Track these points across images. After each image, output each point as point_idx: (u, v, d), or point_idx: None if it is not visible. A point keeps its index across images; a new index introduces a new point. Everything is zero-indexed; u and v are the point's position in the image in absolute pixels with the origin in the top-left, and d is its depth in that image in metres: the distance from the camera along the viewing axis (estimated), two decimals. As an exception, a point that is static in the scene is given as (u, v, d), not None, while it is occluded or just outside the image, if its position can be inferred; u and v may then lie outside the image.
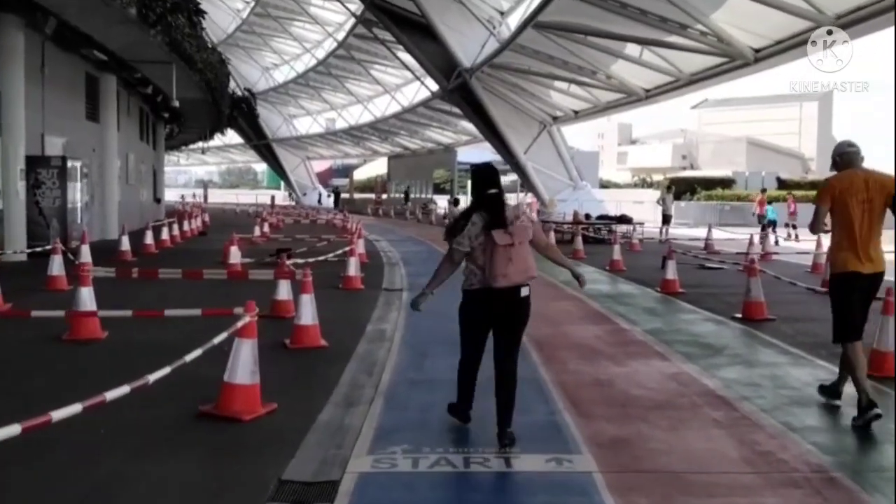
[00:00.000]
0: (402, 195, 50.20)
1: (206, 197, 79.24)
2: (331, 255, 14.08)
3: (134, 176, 27.81)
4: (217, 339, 4.89)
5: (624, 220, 24.88)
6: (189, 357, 4.48)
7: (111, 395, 3.56)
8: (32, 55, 16.81)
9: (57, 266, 11.80)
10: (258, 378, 5.47)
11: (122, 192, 25.55)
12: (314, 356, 7.49)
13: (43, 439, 3.77)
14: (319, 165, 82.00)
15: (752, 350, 8.11)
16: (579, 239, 19.37)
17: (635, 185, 77.98)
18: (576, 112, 33.87)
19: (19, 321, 8.45)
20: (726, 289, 12.88)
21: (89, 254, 13.98)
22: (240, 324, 5.31)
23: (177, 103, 21.54)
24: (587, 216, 25.84)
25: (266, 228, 24.28)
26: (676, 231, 27.93)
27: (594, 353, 7.72)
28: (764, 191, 31.27)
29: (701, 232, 25.06)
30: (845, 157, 5.75)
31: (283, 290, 9.48)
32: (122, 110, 25.28)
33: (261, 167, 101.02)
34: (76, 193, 17.62)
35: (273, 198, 62.71)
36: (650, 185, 72.00)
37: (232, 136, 72.43)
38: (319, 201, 67.72)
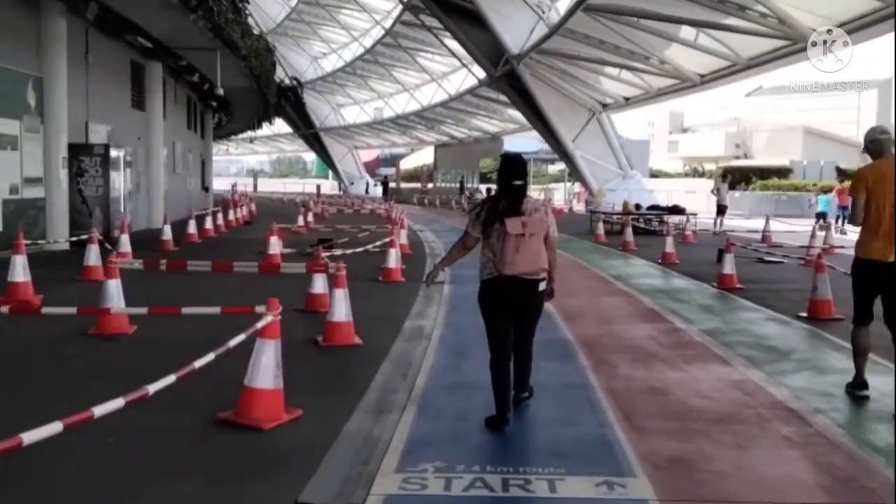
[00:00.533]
0: (458, 185, 49.41)
1: (255, 186, 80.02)
2: (371, 245, 13.67)
3: (181, 164, 27.81)
4: (233, 342, 4.45)
5: (676, 210, 24.05)
6: (199, 363, 4.05)
7: (100, 410, 3.14)
8: (76, 42, 16.72)
9: (94, 256, 11.57)
10: (281, 382, 5.04)
11: (169, 180, 25.56)
12: (346, 355, 7.05)
13: (44, 448, 3.32)
14: (367, 155, 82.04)
15: (821, 354, 7.44)
16: (629, 230, 18.67)
17: (686, 175, 76.20)
18: (626, 99, 33.02)
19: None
20: (788, 284, 12.17)
21: (129, 243, 13.78)
22: (260, 324, 4.88)
23: (221, 91, 21.35)
24: (637, 206, 25.05)
25: (310, 218, 24.02)
26: (731, 222, 26.99)
27: (648, 355, 7.13)
28: (842, 181, 29.30)
29: (757, 223, 24.15)
30: (877, 143, 5.71)
31: (319, 284, 9.08)
32: (168, 98, 25.23)
33: (311, 156, 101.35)
34: (120, 182, 17.52)
35: (318, 187, 62.71)
36: (701, 175, 70.40)
37: (281, 126, 72.75)
38: (367, 191, 67.75)
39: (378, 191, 65.40)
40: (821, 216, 24.24)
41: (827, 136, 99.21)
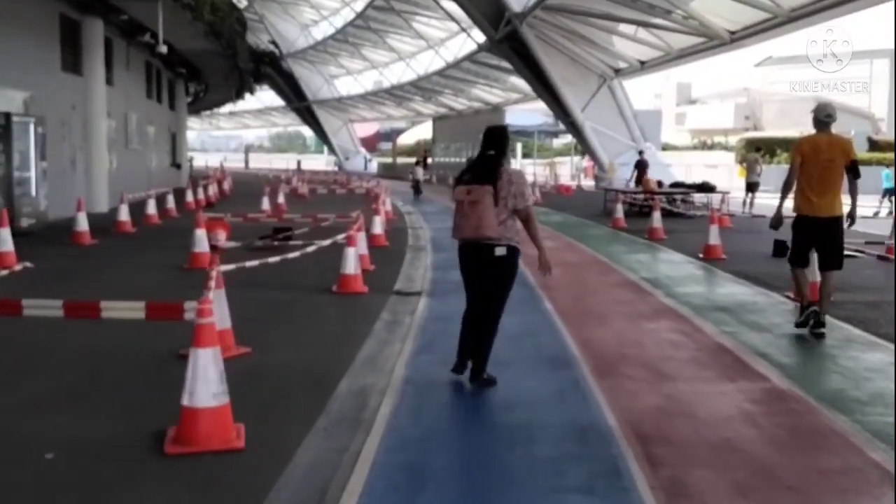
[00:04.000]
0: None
1: (247, 162, 76.82)
2: (341, 237, 10.36)
3: (137, 138, 24.49)
4: None
5: (705, 188, 20.66)
6: None
7: None
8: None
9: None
10: None
11: (121, 156, 22.35)
12: (203, 477, 3.82)
13: None
14: (367, 130, 78.80)
15: None
16: (657, 214, 15.22)
17: (695, 148, 72.69)
18: (642, 63, 29.55)
19: None
20: (887, 294, 8.91)
21: (9, 238, 10.53)
22: None
23: (164, 48, 17.92)
24: (659, 183, 21.63)
25: (281, 199, 20.75)
26: (761, 201, 23.63)
27: (763, 474, 3.88)
28: None
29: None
30: (820, 123, 6.89)
31: (222, 304, 5.89)
32: (117, 62, 21.94)
33: (310, 131, 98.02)
34: (28, 159, 14.20)
35: (299, 163, 59.23)
36: (710, 147, 67.37)
37: (273, 99, 69.27)
38: (365, 167, 64.45)
39: (373, 166, 62.20)
40: (888, 193, 21.07)
41: (839, 107, 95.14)
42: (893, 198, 21.77)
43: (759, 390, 5.26)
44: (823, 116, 6.85)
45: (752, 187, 23.03)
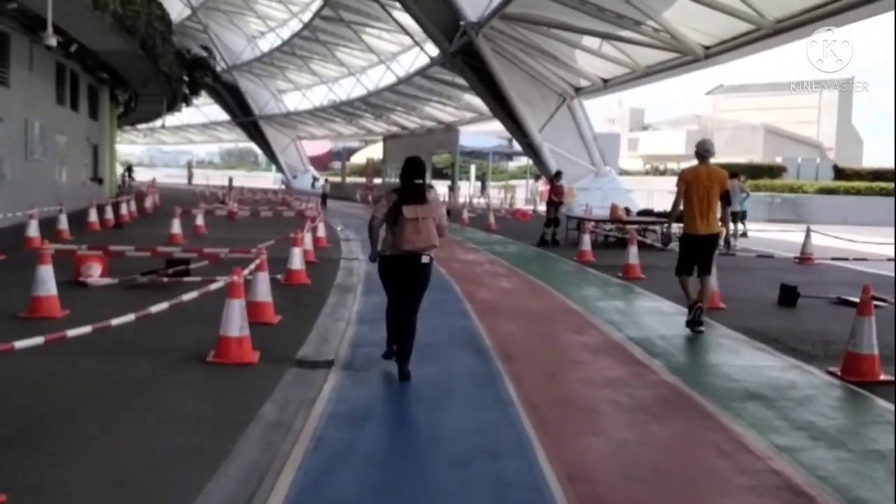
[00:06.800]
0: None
1: (190, 178, 73.47)
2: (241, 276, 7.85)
3: (41, 149, 21.57)
4: None
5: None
6: None
7: None
8: None
9: None
10: None
11: (18, 168, 19.45)
12: None
13: None
14: (318, 148, 76.22)
15: None
16: (633, 249, 12.89)
17: (647, 173, 71.83)
18: (605, 81, 27.52)
19: None
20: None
21: None
22: None
23: (53, 41, 15.16)
24: (626, 211, 19.44)
25: (200, 221, 18.06)
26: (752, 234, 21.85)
27: None
28: None
29: (770, 234, 19.09)
30: (700, 156, 8.15)
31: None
32: (16, 61, 19.06)
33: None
34: None
35: (231, 179, 56.30)
36: (662, 173, 66.79)
37: (219, 113, 66.34)
38: (313, 185, 61.72)
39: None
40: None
41: (788, 136, 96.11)
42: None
43: None
44: (702, 151, 8.15)
45: (734, 216, 21.14)
